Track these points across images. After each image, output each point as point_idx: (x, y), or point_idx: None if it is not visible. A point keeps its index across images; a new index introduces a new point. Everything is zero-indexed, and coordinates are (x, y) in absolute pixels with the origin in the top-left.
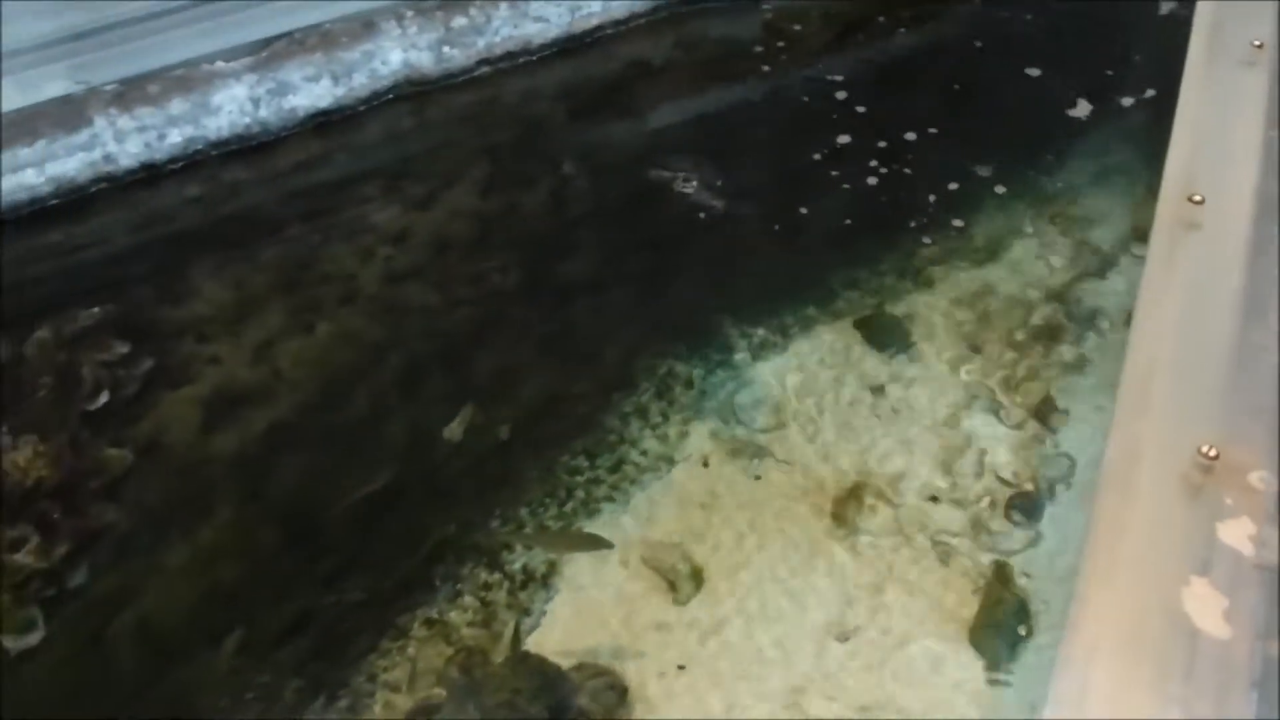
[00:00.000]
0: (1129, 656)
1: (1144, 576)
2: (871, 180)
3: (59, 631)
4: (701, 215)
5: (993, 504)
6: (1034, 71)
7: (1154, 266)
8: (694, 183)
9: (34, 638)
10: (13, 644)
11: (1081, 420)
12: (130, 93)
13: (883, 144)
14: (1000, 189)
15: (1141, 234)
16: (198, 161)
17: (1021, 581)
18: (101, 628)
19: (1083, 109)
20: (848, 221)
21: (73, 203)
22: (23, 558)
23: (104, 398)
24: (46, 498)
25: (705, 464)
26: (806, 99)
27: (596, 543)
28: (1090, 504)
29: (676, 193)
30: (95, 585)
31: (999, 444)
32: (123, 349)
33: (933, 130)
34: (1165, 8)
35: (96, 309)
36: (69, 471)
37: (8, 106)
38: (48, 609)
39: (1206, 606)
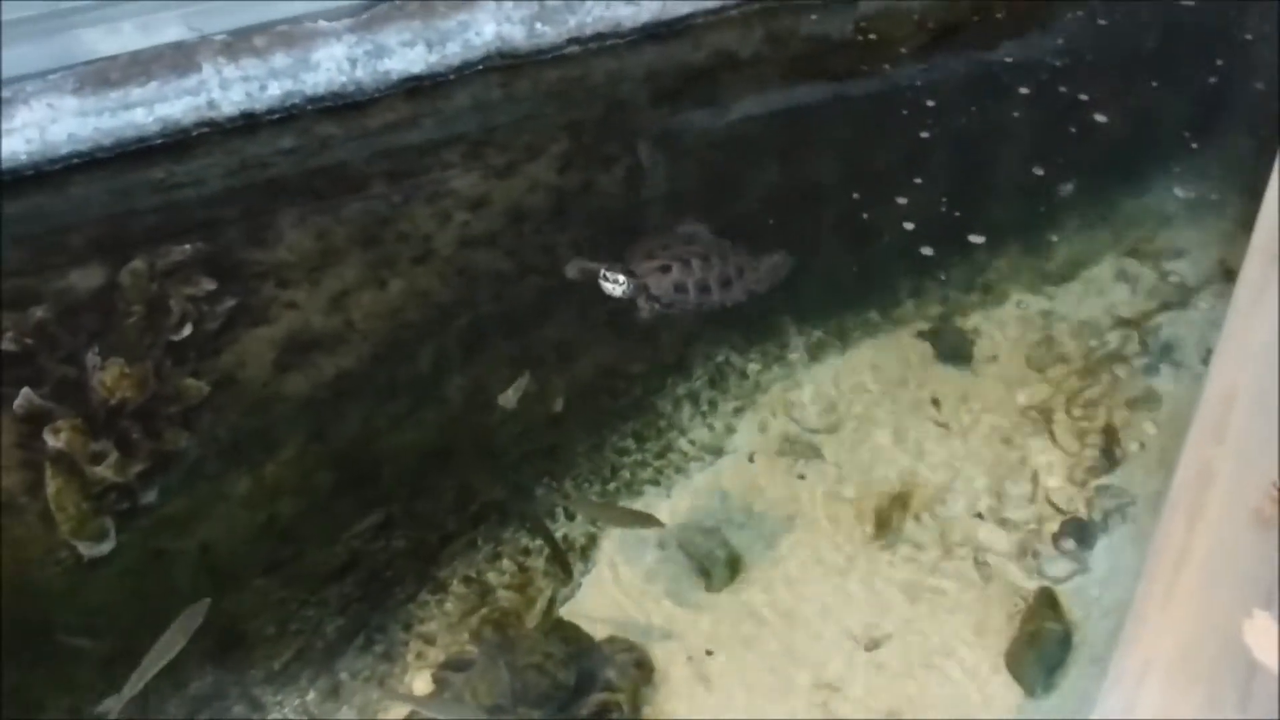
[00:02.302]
0: (1181, 679)
1: (1205, 603)
2: (947, 190)
3: (127, 544)
4: (770, 209)
5: (1042, 528)
6: (1129, 90)
7: (1242, 296)
8: (764, 177)
9: (105, 547)
10: (86, 550)
11: (1145, 453)
12: (238, 44)
13: (961, 153)
14: (1082, 210)
15: (1228, 270)
16: (293, 115)
17: (1066, 610)
18: (166, 545)
19: (1178, 134)
20: (919, 229)
21: (176, 143)
22: (102, 471)
23: (187, 330)
24: (128, 418)
25: (751, 459)
26: (889, 101)
27: (648, 521)
28: (1155, 524)
29: (746, 186)
30: (164, 505)
31: (1054, 468)
32: (209, 286)
33: (1017, 143)
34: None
35: (188, 246)
36: (150, 396)
37: (128, 46)
38: (120, 521)
39: (1267, 640)
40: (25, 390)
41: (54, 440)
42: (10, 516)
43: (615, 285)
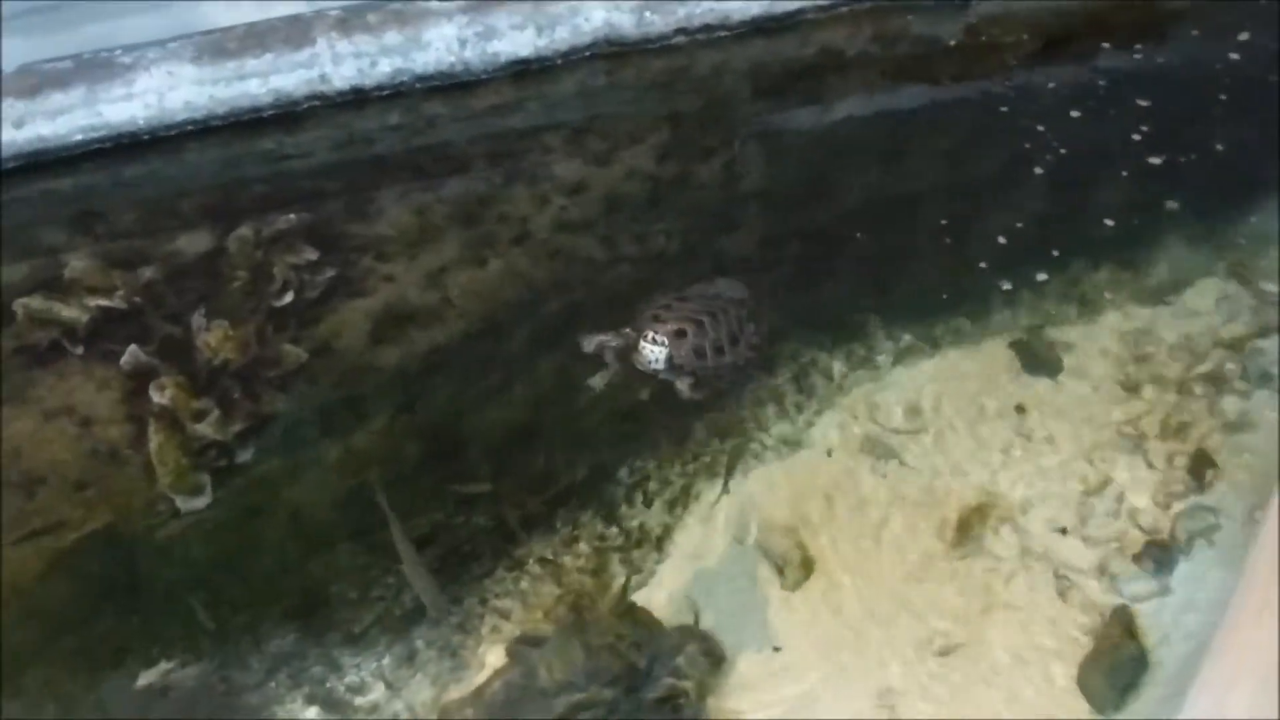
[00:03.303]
0: (1268, 695)
1: None
2: (1047, 201)
3: (223, 500)
4: (866, 211)
5: (1124, 548)
6: (1241, 107)
7: None
8: (862, 178)
9: (201, 501)
10: (183, 504)
11: (1236, 478)
12: (352, 19)
13: (1065, 165)
14: (1185, 228)
15: None
16: (401, 92)
17: (1142, 631)
18: (259, 504)
19: None
20: (1017, 239)
21: (287, 115)
22: (203, 428)
23: (289, 297)
24: (229, 379)
25: (829, 454)
26: (995, 108)
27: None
28: (1252, 538)
29: (844, 186)
30: (259, 465)
31: (1141, 488)
32: (311, 255)
33: (1120, 157)
34: None
35: (293, 215)
36: (251, 359)
37: (243, 18)
38: (217, 478)
39: None
40: (133, 347)
41: (158, 396)
42: (113, 467)
43: (655, 348)
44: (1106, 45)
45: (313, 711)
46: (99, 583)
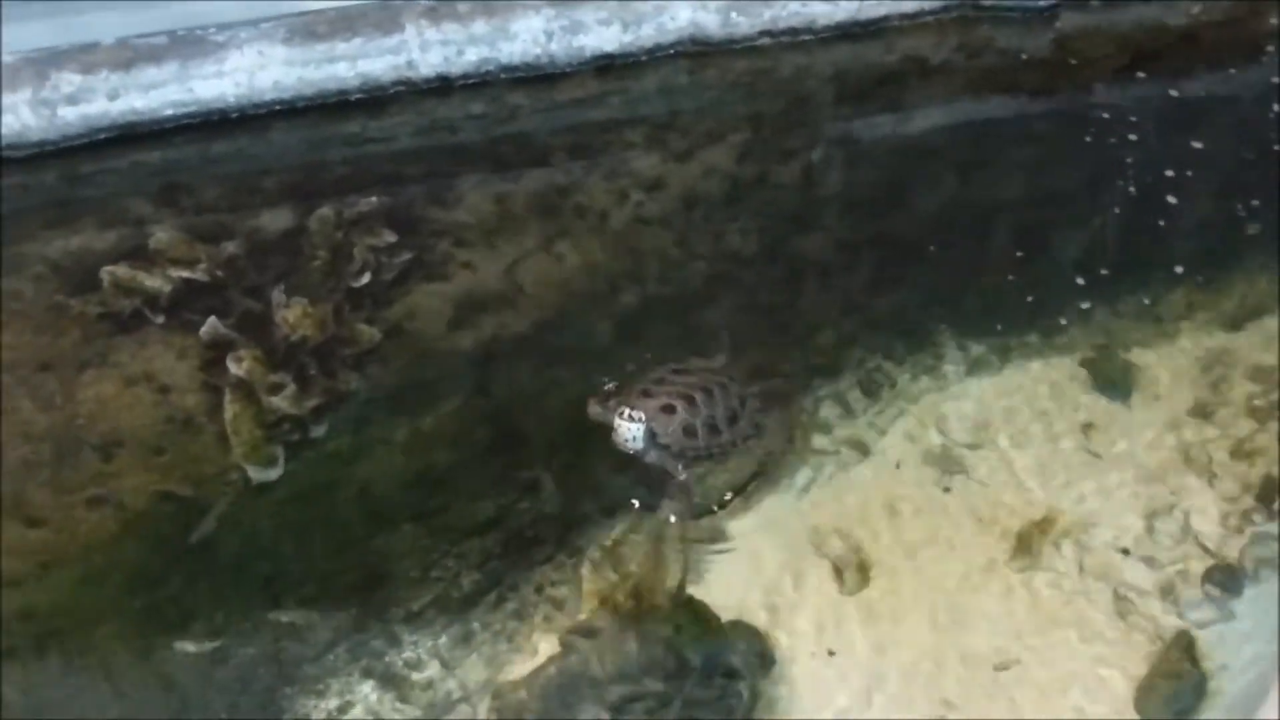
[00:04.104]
0: None
1: None
2: (1126, 219)
3: (294, 473)
4: (942, 221)
5: (1188, 571)
6: None
7: None
8: (940, 187)
9: (273, 473)
10: (255, 474)
11: None
12: (441, 8)
13: (1146, 184)
14: (1268, 252)
15: None
16: (486, 82)
17: (1203, 656)
18: (329, 479)
19: None
20: (1094, 256)
21: (372, 100)
22: (278, 401)
23: (366, 278)
24: (305, 355)
25: (898, 466)
26: (1078, 123)
27: None
28: None
29: (922, 194)
30: (331, 441)
31: (1208, 511)
32: (390, 238)
33: (1205, 178)
34: None
35: (374, 198)
36: (328, 337)
37: (334, 2)
38: (289, 451)
39: None
40: (212, 319)
41: (236, 368)
42: (188, 434)
43: (631, 425)
44: (1197, 64)
45: (368, 685)
46: (169, 547)
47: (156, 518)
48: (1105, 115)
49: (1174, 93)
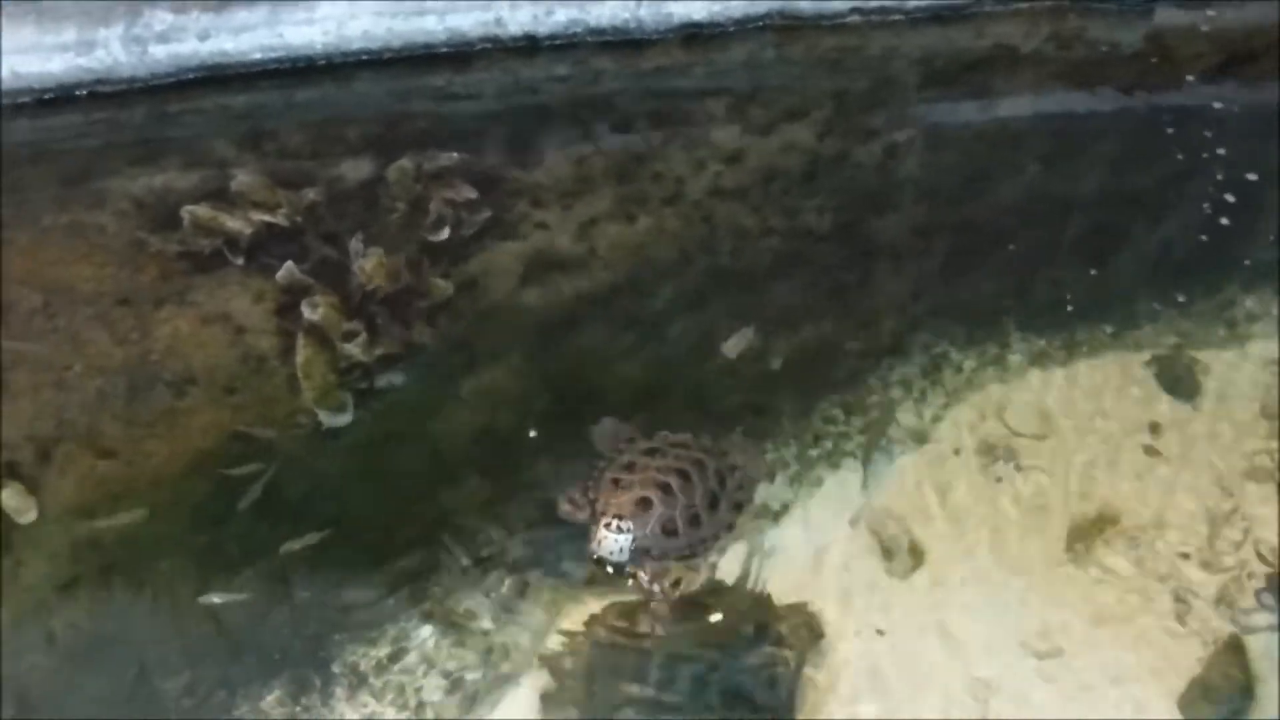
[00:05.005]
0: None
1: None
2: (1205, 221)
3: (362, 421)
4: (1019, 210)
5: (1245, 579)
6: None
7: None
8: (1020, 177)
9: (343, 419)
10: (325, 419)
11: None
12: None
13: (1228, 187)
14: None
15: None
16: (573, 44)
17: (1252, 663)
18: (396, 429)
19: None
20: (1170, 255)
21: (459, 55)
22: (350, 349)
23: (444, 233)
24: (379, 304)
25: (956, 452)
26: (1165, 121)
27: None
28: None
29: (1001, 183)
30: (400, 391)
31: (1269, 521)
32: (469, 194)
33: None
34: None
35: (454, 153)
36: (402, 288)
37: None
38: (358, 399)
39: None
40: (289, 263)
41: (310, 313)
42: (261, 376)
43: (620, 537)
44: None
45: (424, 632)
46: (235, 486)
47: (225, 457)
48: (1193, 114)
49: (1266, 97)
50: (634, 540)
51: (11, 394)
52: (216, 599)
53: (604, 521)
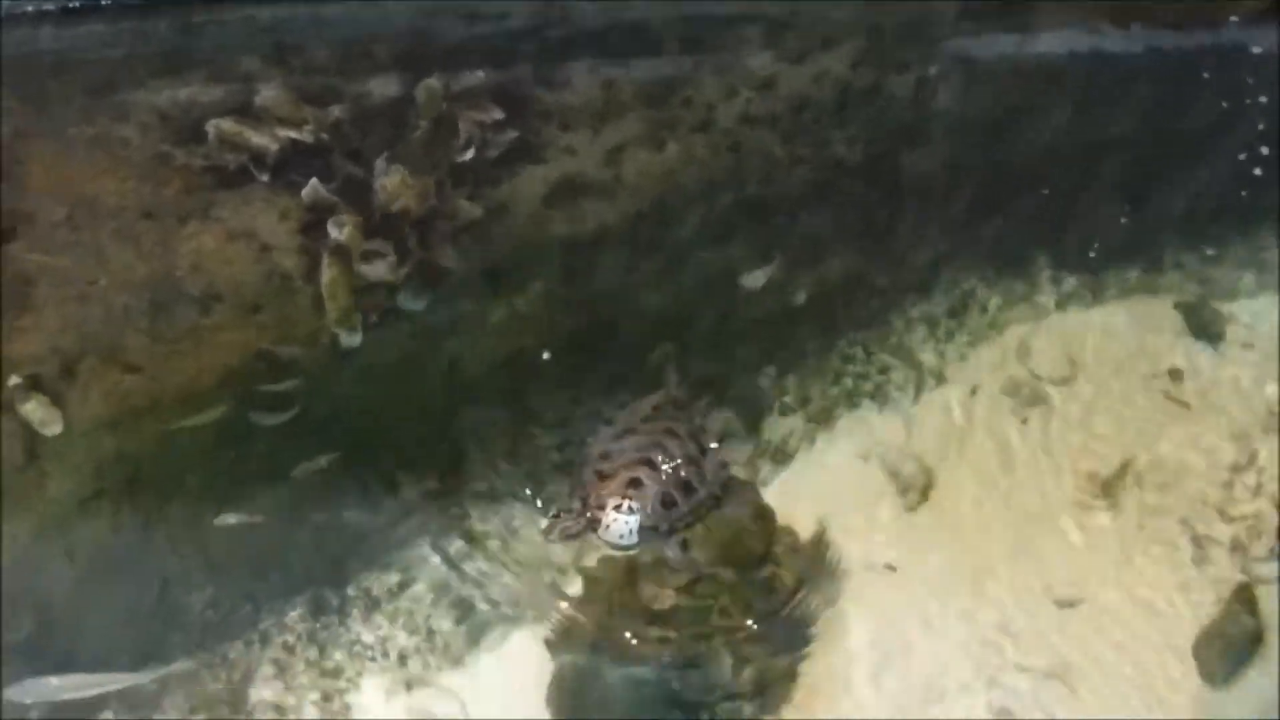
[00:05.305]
0: None
1: None
2: (1241, 169)
3: (383, 342)
4: (1053, 150)
5: (1260, 528)
6: None
7: None
8: (1056, 116)
9: (364, 340)
10: (346, 340)
11: None
12: None
13: (1267, 135)
14: None
15: None
16: None
17: (1263, 611)
18: (417, 352)
19: None
20: (1204, 202)
21: None
22: (372, 269)
23: (470, 154)
24: (404, 225)
25: (974, 392)
26: (1206, 64)
27: None
28: None
29: (1036, 121)
30: (422, 314)
31: None
32: (497, 115)
33: None
34: None
35: (482, 73)
36: (427, 209)
37: None
38: (381, 320)
39: None
40: (314, 181)
41: (336, 232)
42: (285, 294)
43: (630, 518)
44: None
45: (436, 559)
46: (261, 403)
47: (249, 375)
48: (1234, 59)
49: None
50: (640, 520)
51: (36, 307)
52: (232, 519)
53: (612, 504)
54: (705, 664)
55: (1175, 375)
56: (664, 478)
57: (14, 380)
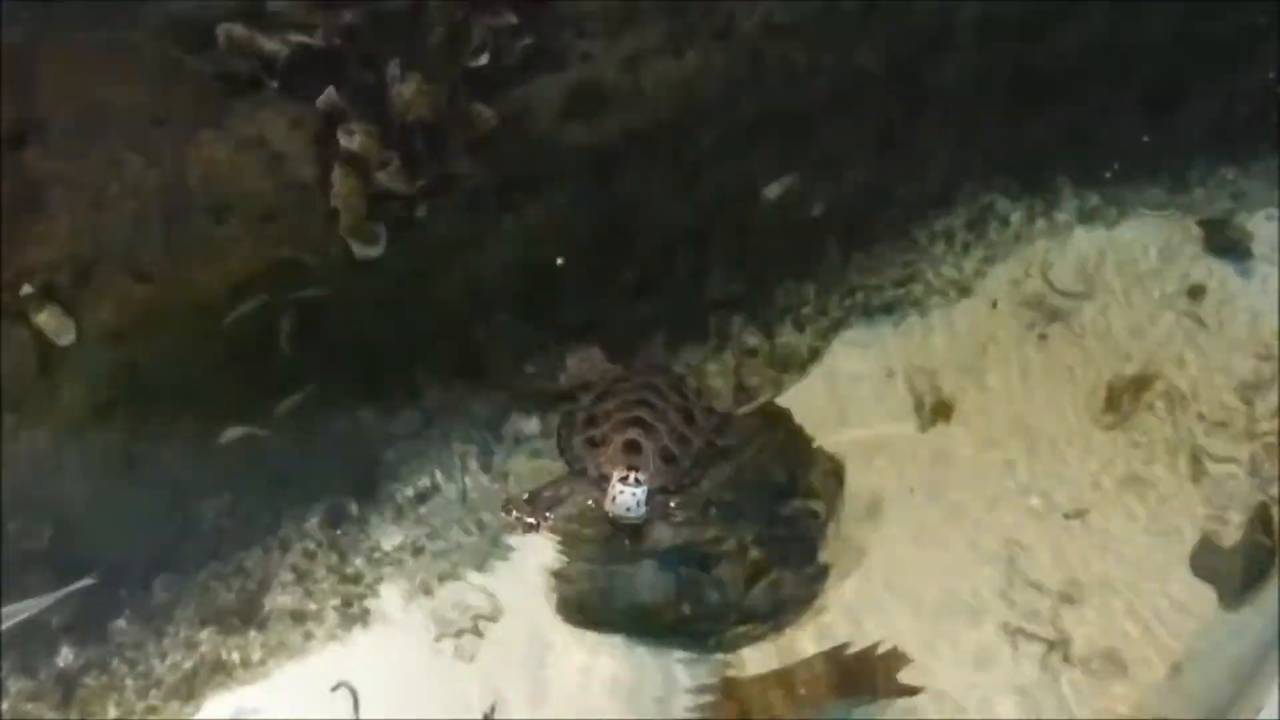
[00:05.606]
0: None
1: None
2: (1272, 84)
3: (397, 253)
4: (1082, 59)
5: (1277, 447)
6: None
7: None
8: (1086, 24)
9: (376, 250)
10: (359, 250)
11: None
12: None
13: None
14: None
15: None
16: None
17: (1278, 531)
18: (431, 263)
19: None
20: (1235, 116)
21: None
22: (386, 178)
23: (484, 59)
24: (418, 133)
25: (995, 305)
26: None
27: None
28: None
29: (1066, 29)
30: (436, 225)
31: None
32: (511, 20)
33: None
34: None
35: None
36: (442, 117)
37: None
38: (393, 229)
39: None
40: (329, 89)
41: (347, 141)
42: (298, 205)
43: (638, 490)
44: None
45: (455, 469)
46: (271, 316)
47: (262, 286)
48: None
49: None
50: (648, 489)
51: (47, 215)
52: (239, 432)
53: (617, 476)
54: (717, 586)
55: (1196, 293)
56: (660, 434)
57: (26, 289)
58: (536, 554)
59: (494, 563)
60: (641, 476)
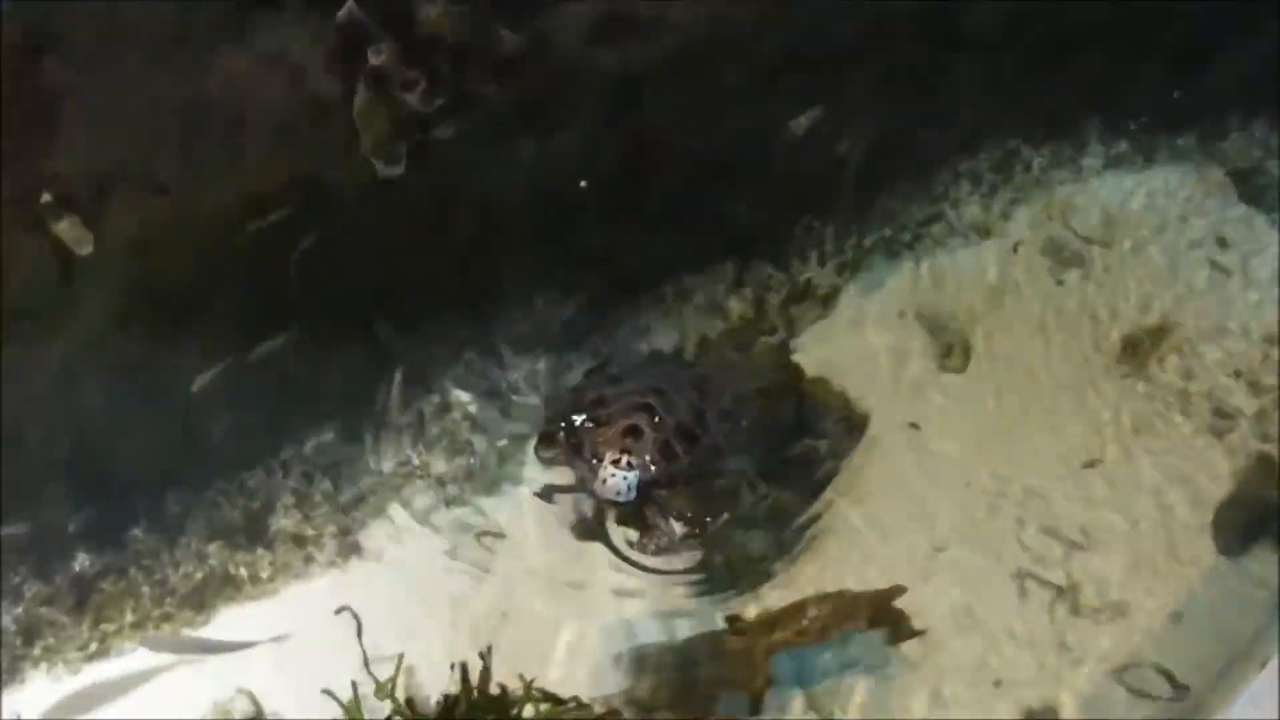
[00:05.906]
0: None
1: None
2: None
3: (418, 175)
4: (1110, 6)
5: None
6: None
7: None
8: None
9: (397, 170)
10: (381, 170)
11: None
12: None
13: None
14: None
15: None
16: None
17: None
18: (452, 184)
19: None
20: (1267, 66)
21: None
22: (410, 98)
23: None
24: (443, 53)
25: (1015, 249)
26: None
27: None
28: None
29: None
30: (458, 147)
31: None
32: None
33: None
34: None
35: None
36: (467, 38)
37: None
38: (414, 150)
39: None
40: (350, 3)
41: (373, 58)
42: (318, 121)
43: (629, 474)
44: None
45: (467, 395)
46: (288, 233)
47: (280, 202)
48: None
49: None
50: (639, 476)
51: (67, 126)
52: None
53: (609, 458)
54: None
55: (1221, 243)
56: (665, 426)
57: (46, 198)
58: (545, 477)
59: (505, 486)
60: (634, 461)
